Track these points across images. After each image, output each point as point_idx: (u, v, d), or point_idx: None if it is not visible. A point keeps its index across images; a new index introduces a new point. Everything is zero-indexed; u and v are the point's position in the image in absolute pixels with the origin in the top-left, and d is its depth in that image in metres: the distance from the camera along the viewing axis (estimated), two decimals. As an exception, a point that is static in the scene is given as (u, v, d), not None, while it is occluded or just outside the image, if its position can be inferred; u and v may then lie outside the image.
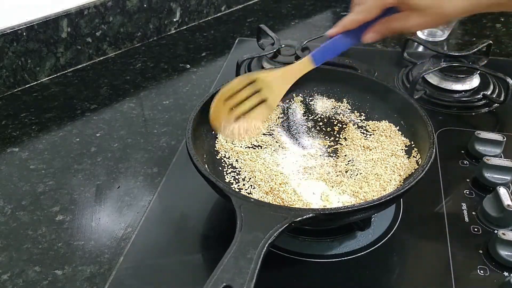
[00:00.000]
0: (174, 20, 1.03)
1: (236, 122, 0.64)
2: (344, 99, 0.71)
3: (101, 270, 0.55)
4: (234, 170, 0.62)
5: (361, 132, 0.67)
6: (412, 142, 0.62)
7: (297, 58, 0.84)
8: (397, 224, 0.59)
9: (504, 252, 0.53)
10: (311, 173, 0.62)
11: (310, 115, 0.71)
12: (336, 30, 0.62)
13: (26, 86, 0.87)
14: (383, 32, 0.60)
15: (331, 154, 0.65)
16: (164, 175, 0.67)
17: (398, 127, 0.65)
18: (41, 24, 0.84)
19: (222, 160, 0.62)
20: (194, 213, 0.61)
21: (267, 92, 0.65)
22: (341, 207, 0.51)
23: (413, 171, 0.58)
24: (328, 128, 0.69)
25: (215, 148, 0.63)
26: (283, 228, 0.45)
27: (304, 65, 0.65)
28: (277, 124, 0.69)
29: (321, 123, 0.70)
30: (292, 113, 0.70)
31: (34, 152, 0.73)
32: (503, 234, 0.53)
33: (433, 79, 0.82)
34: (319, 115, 0.70)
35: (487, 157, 0.63)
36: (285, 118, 0.70)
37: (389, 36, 0.63)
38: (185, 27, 1.06)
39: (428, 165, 0.53)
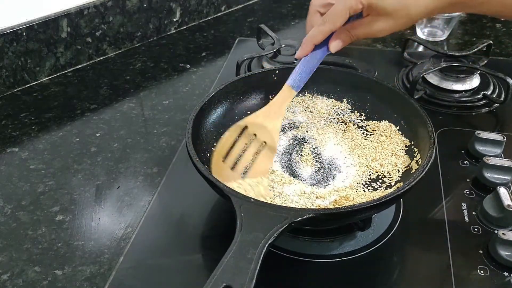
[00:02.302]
0: (174, 20, 1.03)
1: (244, 175, 0.59)
2: (344, 99, 0.70)
3: (101, 270, 0.55)
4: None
5: (361, 132, 0.67)
6: (412, 142, 0.62)
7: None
8: (397, 224, 0.59)
9: (504, 252, 0.53)
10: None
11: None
12: (305, 50, 0.60)
13: (26, 86, 0.87)
14: (348, 39, 0.59)
15: (331, 154, 0.65)
16: (164, 175, 0.67)
17: (398, 127, 0.65)
18: (41, 24, 0.84)
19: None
20: (194, 213, 0.61)
21: (262, 134, 0.61)
22: (341, 207, 0.51)
23: (413, 171, 0.58)
24: (328, 128, 0.69)
25: (215, 148, 0.63)
26: (283, 228, 0.45)
27: (285, 96, 0.62)
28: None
29: (321, 123, 0.70)
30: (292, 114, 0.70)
31: (34, 152, 0.72)
32: (503, 234, 0.53)
33: (433, 79, 0.82)
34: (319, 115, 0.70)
35: (487, 157, 0.63)
36: (284, 118, 0.70)
37: (355, 42, 0.59)
38: (185, 27, 1.06)
39: (428, 165, 0.53)
